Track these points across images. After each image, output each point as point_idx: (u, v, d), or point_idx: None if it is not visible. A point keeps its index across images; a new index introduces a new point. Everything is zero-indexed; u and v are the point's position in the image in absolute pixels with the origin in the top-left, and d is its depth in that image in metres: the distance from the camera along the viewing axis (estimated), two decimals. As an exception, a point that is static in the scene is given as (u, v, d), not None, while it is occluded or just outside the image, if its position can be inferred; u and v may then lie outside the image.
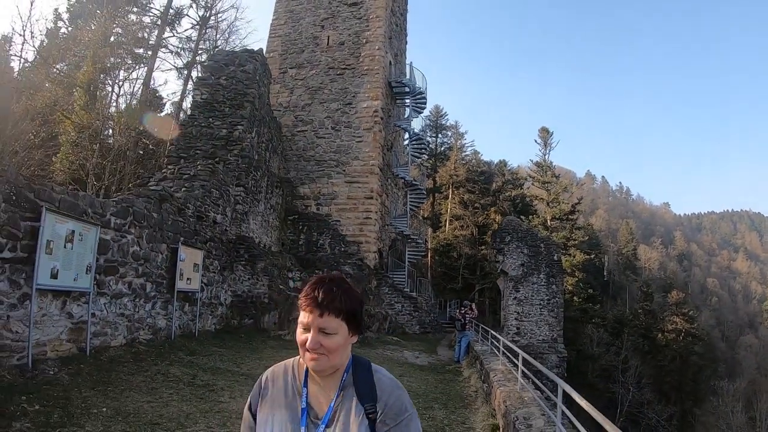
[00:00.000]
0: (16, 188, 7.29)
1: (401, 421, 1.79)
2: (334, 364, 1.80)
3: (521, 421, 6.45)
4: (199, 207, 15.08)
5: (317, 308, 1.76)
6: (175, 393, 8.16)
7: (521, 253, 28.58)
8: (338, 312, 1.77)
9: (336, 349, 1.78)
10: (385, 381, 1.87)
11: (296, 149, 28.90)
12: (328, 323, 1.75)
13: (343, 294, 1.80)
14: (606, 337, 47.63)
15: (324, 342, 1.75)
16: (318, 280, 1.83)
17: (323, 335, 1.75)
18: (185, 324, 13.61)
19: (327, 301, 1.76)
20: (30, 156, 19.06)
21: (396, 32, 32.74)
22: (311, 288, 1.80)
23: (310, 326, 1.76)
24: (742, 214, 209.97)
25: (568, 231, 49.88)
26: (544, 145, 54.42)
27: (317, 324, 1.75)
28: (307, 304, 1.77)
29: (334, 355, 1.78)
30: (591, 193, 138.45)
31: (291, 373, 1.93)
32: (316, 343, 1.74)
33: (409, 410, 1.83)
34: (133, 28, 28.80)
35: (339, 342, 1.78)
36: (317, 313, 1.75)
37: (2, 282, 7.10)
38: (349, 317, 1.80)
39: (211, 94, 20.39)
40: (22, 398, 6.29)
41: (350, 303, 1.81)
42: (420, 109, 33.59)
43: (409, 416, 1.81)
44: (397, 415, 1.79)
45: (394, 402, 1.81)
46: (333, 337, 1.76)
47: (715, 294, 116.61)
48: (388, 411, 1.79)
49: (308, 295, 1.79)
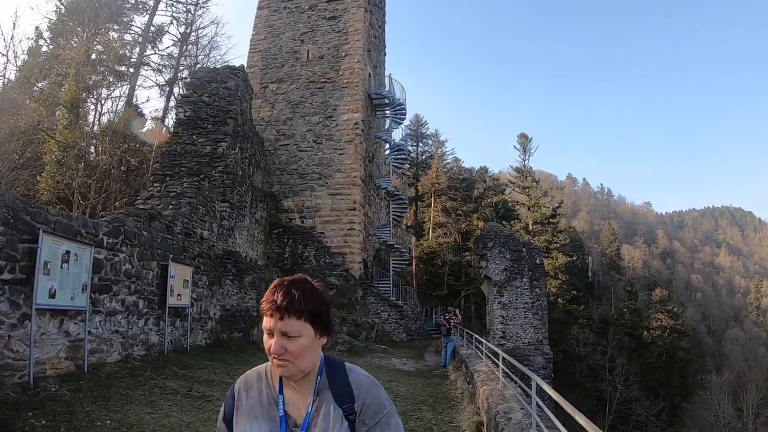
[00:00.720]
0: (14, 211, 7.58)
1: (380, 419, 1.76)
2: (303, 368, 1.75)
3: (502, 415, 6.89)
4: (187, 224, 15.35)
5: (277, 311, 1.70)
6: (174, 404, 8.47)
7: (504, 258, 29.09)
8: (299, 314, 1.71)
9: (302, 353, 1.72)
10: (361, 379, 1.83)
11: (279, 163, 29.25)
12: (289, 326, 1.70)
13: (303, 294, 1.73)
14: (592, 337, 48.32)
15: (288, 346, 1.70)
16: (278, 284, 1.77)
17: (287, 339, 1.70)
18: (177, 339, 13.86)
19: (286, 303, 1.70)
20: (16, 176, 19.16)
21: (375, 45, 33.31)
22: (271, 292, 1.74)
23: (272, 330, 1.71)
24: (723, 210, 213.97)
25: (549, 234, 50.68)
26: (523, 150, 55.31)
27: (279, 328, 1.70)
28: (268, 307, 1.72)
29: (301, 360, 1.73)
30: (573, 195, 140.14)
31: (264, 380, 1.88)
32: (280, 348, 1.69)
33: (387, 407, 1.79)
34: (114, 46, 28.96)
35: (304, 344, 1.72)
36: (278, 316, 1.70)
37: (3, 303, 7.36)
38: (314, 318, 1.74)
39: (194, 111, 20.65)
40: (28, 414, 6.58)
41: (312, 303, 1.74)
42: (400, 119, 34.17)
43: (388, 413, 1.78)
44: (376, 414, 1.76)
45: (372, 400, 1.78)
46: (297, 340, 1.71)
47: (700, 290, 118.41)
48: (366, 410, 1.76)
49: (268, 299, 1.73)
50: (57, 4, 28.67)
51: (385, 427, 1.76)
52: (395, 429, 1.79)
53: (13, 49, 43.37)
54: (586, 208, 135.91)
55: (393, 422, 1.79)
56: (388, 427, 1.77)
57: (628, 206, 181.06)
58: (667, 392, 54.24)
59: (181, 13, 32.79)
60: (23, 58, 27.90)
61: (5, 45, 37.78)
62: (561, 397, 4.78)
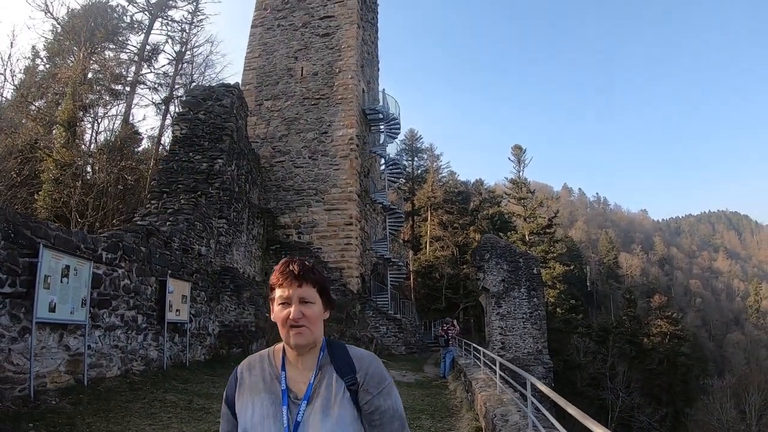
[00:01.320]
0: (14, 226, 7.70)
1: (383, 388, 1.85)
2: (315, 336, 1.86)
3: (499, 418, 6.97)
4: (184, 240, 15.46)
5: (296, 280, 1.83)
6: (173, 416, 8.52)
7: (501, 269, 29.15)
8: (314, 282, 1.86)
9: (316, 320, 1.85)
10: (362, 353, 1.94)
11: (275, 179, 29.41)
12: (307, 292, 1.83)
13: (313, 267, 1.90)
14: (592, 345, 48.24)
15: (306, 312, 1.82)
16: (288, 259, 1.92)
17: (304, 305, 1.82)
18: (176, 354, 13.90)
19: (304, 272, 1.85)
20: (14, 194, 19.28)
21: (368, 60, 33.67)
22: (284, 265, 1.88)
23: (290, 299, 1.82)
24: (720, 214, 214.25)
25: (546, 244, 50.86)
26: (518, 162, 55.71)
27: (298, 294, 1.82)
28: (285, 277, 1.85)
29: (315, 326, 1.85)
30: (569, 205, 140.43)
31: (267, 360, 1.96)
32: (299, 313, 1.81)
33: (388, 379, 1.89)
34: (110, 65, 29.25)
35: (318, 312, 1.86)
36: (296, 284, 1.83)
37: (3, 316, 7.46)
38: (322, 289, 1.89)
39: (190, 129, 20.87)
40: (29, 425, 6.65)
41: (320, 276, 1.90)
42: (394, 134, 34.40)
43: (389, 384, 1.88)
44: (378, 383, 1.85)
45: (374, 370, 1.87)
46: (313, 306, 1.84)
47: (699, 295, 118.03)
48: (369, 379, 1.85)
49: (284, 271, 1.86)
50: (53, 23, 29.07)
51: (387, 397, 1.85)
52: (395, 399, 1.88)
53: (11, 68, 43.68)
54: (583, 217, 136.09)
55: (394, 392, 1.89)
56: (390, 397, 1.86)
57: (625, 214, 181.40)
58: (669, 398, 54.08)
59: (176, 32, 33.22)
60: (20, 77, 28.19)
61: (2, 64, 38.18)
62: (553, 392, 4.89)
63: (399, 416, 1.87)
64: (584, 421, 3.65)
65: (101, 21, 29.42)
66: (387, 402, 1.85)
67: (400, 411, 1.89)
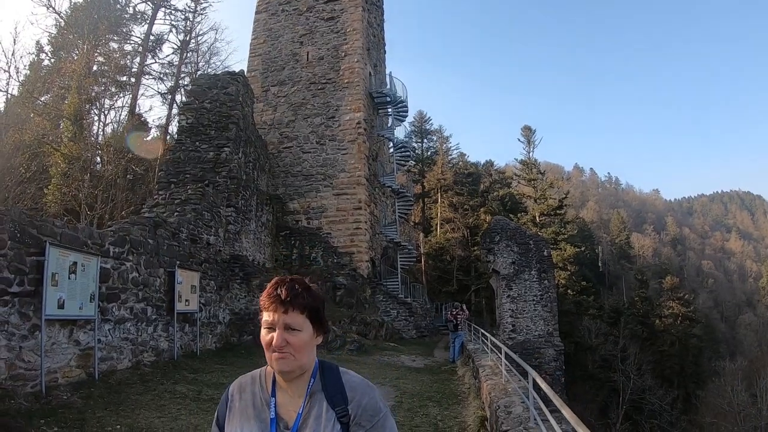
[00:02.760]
0: (20, 226, 7.80)
1: (377, 422, 1.77)
2: (302, 365, 1.79)
3: (502, 410, 7.02)
4: (192, 230, 15.56)
5: (281, 305, 1.75)
6: (183, 408, 8.67)
7: (511, 251, 29.08)
8: (302, 308, 1.77)
9: (302, 348, 1.77)
10: (355, 381, 1.85)
11: (283, 166, 29.46)
12: (293, 319, 1.75)
13: (304, 291, 1.79)
14: (603, 327, 48.07)
15: (290, 339, 1.74)
16: (279, 280, 1.82)
17: (289, 332, 1.74)
18: (186, 344, 14.08)
19: (291, 297, 1.75)
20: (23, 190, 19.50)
21: (374, 43, 33.42)
22: (273, 287, 1.79)
23: (274, 324, 1.75)
24: (732, 194, 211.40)
25: (557, 226, 50.61)
26: (527, 143, 55.32)
27: (282, 321, 1.74)
28: (271, 302, 1.77)
29: (301, 354, 1.77)
30: (580, 185, 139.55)
31: (258, 383, 1.91)
32: (282, 341, 1.73)
33: (383, 410, 1.81)
34: (115, 57, 29.26)
35: (305, 339, 1.77)
36: (281, 310, 1.75)
37: (13, 315, 7.60)
38: (313, 314, 1.80)
39: (196, 118, 20.90)
40: (41, 422, 6.80)
41: (312, 300, 1.80)
42: (402, 117, 34.26)
43: (384, 416, 1.80)
44: (372, 416, 1.77)
45: (368, 402, 1.79)
46: (298, 334, 1.75)
47: (711, 275, 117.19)
48: (362, 413, 1.77)
49: (271, 294, 1.78)
50: (56, 17, 29.01)
51: (381, 430, 1.77)
52: (390, 431, 1.80)
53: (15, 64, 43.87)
54: (594, 197, 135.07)
55: (388, 425, 1.80)
56: (384, 430, 1.78)
57: (637, 194, 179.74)
58: (680, 380, 53.96)
59: (180, 21, 33.04)
60: (25, 72, 28.30)
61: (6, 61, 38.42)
62: (552, 392, 4.91)
63: None
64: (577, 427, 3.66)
65: (104, 13, 29.35)
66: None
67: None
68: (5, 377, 7.38)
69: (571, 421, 3.90)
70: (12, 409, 6.92)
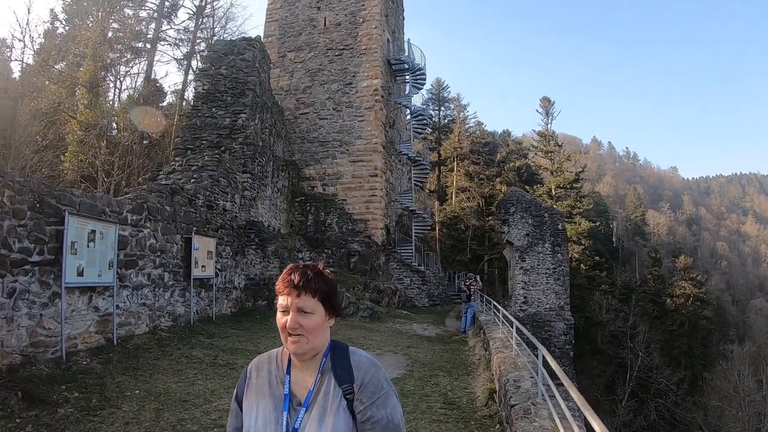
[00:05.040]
0: (39, 196, 7.92)
1: (377, 398, 1.85)
2: (314, 346, 1.88)
3: (511, 384, 7.11)
4: (209, 196, 15.69)
5: (294, 289, 1.85)
6: (199, 373, 8.90)
7: (526, 223, 28.94)
8: (314, 292, 1.87)
9: (315, 330, 1.86)
10: (361, 360, 1.93)
11: (299, 132, 29.39)
12: (305, 302, 1.85)
13: (316, 276, 1.90)
14: (614, 303, 48.00)
15: (303, 322, 1.84)
16: (293, 267, 1.94)
17: (302, 315, 1.84)
18: (202, 309, 14.37)
19: (303, 282, 1.86)
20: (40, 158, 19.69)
21: (392, 9, 32.83)
22: (287, 273, 1.91)
23: (288, 308, 1.85)
24: (751, 176, 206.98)
25: (573, 199, 50.21)
26: (546, 114, 54.50)
27: (296, 304, 1.84)
28: (285, 286, 1.87)
29: (314, 336, 1.86)
30: (597, 159, 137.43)
31: (275, 362, 2.01)
32: (295, 323, 1.83)
33: (385, 388, 1.87)
34: (130, 23, 29.07)
35: (317, 322, 1.87)
36: (295, 293, 1.85)
37: (33, 283, 7.79)
38: (325, 298, 1.90)
39: (212, 84, 20.84)
40: (62, 387, 7.02)
41: (324, 284, 1.90)
42: (420, 85, 33.88)
43: (385, 393, 1.87)
44: (373, 393, 1.85)
45: (370, 380, 1.87)
46: (311, 316, 1.85)
47: (725, 258, 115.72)
48: (364, 389, 1.85)
49: (285, 279, 1.89)
50: (71, -15, 28.76)
51: (381, 407, 1.83)
52: (392, 409, 1.85)
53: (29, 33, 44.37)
54: (611, 172, 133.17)
55: (390, 403, 1.86)
56: (385, 407, 1.84)
57: (654, 171, 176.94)
58: (688, 361, 53.93)
59: (195, -14, 32.63)
60: (40, 41, 28.16)
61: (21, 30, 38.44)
62: (561, 371, 4.95)
63: (394, 426, 1.84)
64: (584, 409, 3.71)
65: (119, -21, 29.04)
66: (381, 412, 1.83)
67: (396, 421, 1.86)
68: (27, 344, 7.61)
69: (578, 401, 3.95)
70: (34, 375, 7.15)
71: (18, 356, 7.38)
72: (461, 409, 8.27)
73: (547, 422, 5.45)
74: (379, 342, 14.61)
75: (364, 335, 15.36)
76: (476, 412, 8.11)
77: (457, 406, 8.38)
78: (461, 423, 7.50)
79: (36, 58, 25.55)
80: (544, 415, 5.68)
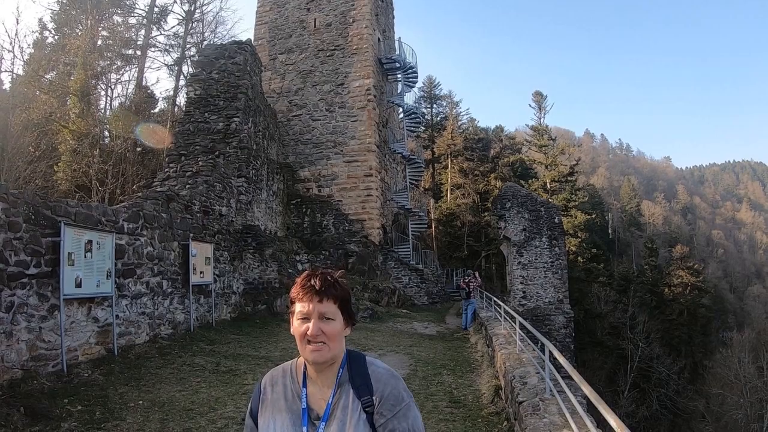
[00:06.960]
0: (34, 207, 7.82)
1: (398, 411, 1.80)
2: (334, 353, 1.83)
3: (518, 380, 7.07)
4: (204, 202, 15.60)
5: (316, 295, 1.80)
6: (202, 380, 8.83)
7: (522, 218, 28.97)
8: (336, 298, 1.82)
9: (336, 336, 1.82)
10: (380, 372, 1.88)
11: (293, 134, 29.32)
12: (327, 308, 1.80)
13: (336, 282, 1.86)
14: (613, 294, 48.09)
15: (325, 328, 1.79)
16: (311, 272, 1.88)
17: (323, 322, 1.80)
18: (202, 315, 14.28)
19: (325, 288, 1.81)
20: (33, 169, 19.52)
21: (382, 8, 32.77)
22: (306, 278, 1.85)
23: (309, 315, 1.80)
24: (744, 164, 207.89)
25: (568, 192, 50.30)
26: (538, 108, 54.66)
27: (318, 310, 1.79)
28: (306, 292, 1.82)
29: (334, 343, 1.81)
30: (591, 151, 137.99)
31: (289, 375, 1.95)
32: (317, 330, 1.78)
33: (405, 399, 1.83)
34: (119, 30, 28.89)
35: (338, 329, 1.83)
36: (316, 299, 1.80)
37: (32, 296, 7.69)
38: (343, 305, 1.86)
39: (204, 89, 20.71)
40: (64, 401, 6.94)
41: (343, 291, 1.86)
42: (411, 83, 33.82)
43: (406, 405, 1.82)
44: (393, 406, 1.80)
45: (390, 392, 1.82)
46: (332, 323, 1.81)
47: (721, 245, 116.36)
48: (384, 402, 1.80)
49: (305, 285, 1.84)
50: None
51: (402, 419, 1.79)
52: (413, 421, 1.82)
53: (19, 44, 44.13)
54: (605, 164, 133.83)
55: (411, 414, 1.82)
56: (406, 420, 1.80)
57: (648, 161, 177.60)
58: (688, 350, 54.20)
59: (184, -10, 32.42)
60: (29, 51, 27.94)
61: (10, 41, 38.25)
62: (571, 366, 4.92)
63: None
64: (598, 404, 3.67)
65: (106, -14, 28.83)
66: (402, 425, 1.79)
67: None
68: (27, 358, 7.51)
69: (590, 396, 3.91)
70: (35, 390, 7.05)
71: (19, 371, 7.28)
72: (467, 407, 8.25)
73: (557, 418, 5.42)
74: (381, 342, 14.57)
75: (365, 336, 15.31)
76: (483, 410, 8.09)
77: (463, 404, 8.35)
78: (468, 421, 7.47)
79: (26, 68, 25.33)
80: (554, 411, 5.64)
